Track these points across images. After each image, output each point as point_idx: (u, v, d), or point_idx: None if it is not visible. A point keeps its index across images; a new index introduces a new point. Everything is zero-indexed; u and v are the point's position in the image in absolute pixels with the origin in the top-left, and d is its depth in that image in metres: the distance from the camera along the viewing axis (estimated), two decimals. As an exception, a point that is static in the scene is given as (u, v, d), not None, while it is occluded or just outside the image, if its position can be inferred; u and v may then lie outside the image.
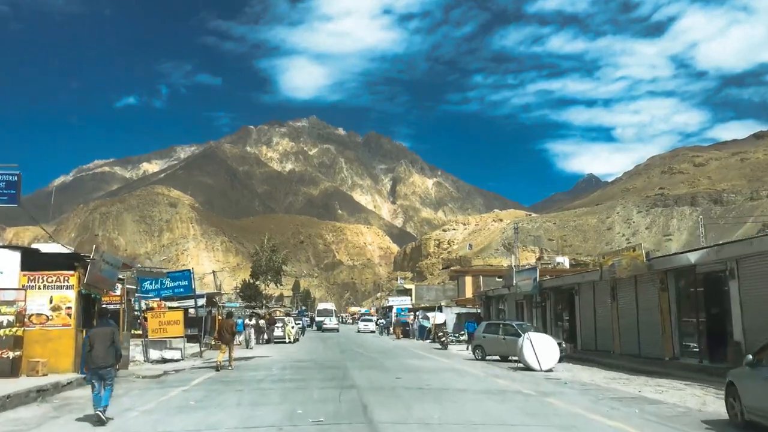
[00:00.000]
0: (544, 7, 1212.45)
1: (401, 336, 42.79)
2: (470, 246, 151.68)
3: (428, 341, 37.48)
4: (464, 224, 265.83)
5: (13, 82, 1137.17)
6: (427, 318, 39.26)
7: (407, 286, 76.49)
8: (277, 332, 35.24)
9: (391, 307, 59.26)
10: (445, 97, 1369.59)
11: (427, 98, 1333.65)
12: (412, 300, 61.05)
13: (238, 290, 79.09)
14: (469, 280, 49.21)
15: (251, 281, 71.99)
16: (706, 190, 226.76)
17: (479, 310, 39.69)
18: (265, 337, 35.09)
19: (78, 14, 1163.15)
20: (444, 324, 38.26)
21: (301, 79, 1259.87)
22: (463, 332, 35.56)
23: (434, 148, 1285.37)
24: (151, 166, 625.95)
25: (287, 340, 34.48)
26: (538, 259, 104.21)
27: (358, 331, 54.89)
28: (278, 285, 70.84)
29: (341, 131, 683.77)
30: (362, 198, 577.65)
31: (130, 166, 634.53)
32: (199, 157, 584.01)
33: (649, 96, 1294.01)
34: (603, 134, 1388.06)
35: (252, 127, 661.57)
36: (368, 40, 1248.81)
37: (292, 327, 35.14)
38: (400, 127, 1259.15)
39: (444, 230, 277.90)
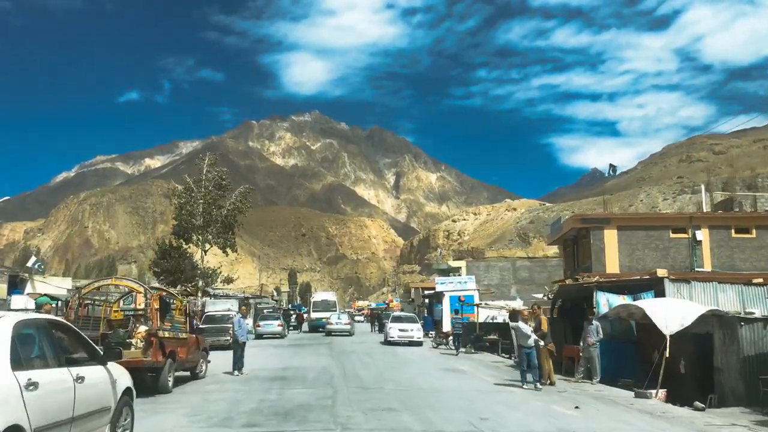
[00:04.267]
0: (548, 0, 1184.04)
1: (552, 376, 14.27)
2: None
3: None
4: (475, 214, 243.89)
5: (15, 78, 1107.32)
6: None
7: (454, 264, 46.02)
8: None
9: (438, 296, 32.93)
10: (449, 91, 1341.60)
11: (430, 93, 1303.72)
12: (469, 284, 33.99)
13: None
14: (611, 237, 22.72)
15: (173, 242, 38.94)
16: (731, 176, 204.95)
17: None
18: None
19: (80, 10, 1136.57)
20: None
21: (304, 74, 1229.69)
22: None
23: (438, 142, 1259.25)
24: (153, 162, 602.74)
25: None
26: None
27: (387, 341, 27.90)
28: (227, 252, 40.00)
29: (344, 126, 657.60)
30: (365, 193, 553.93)
31: (131, 162, 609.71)
32: (201, 152, 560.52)
33: (654, 90, 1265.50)
34: (607, 128, 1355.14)
35: (254, 121, 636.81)
36: (371, 34, 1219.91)
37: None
38: (404, 121, 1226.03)
39: (453, 221, 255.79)
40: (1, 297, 27.55)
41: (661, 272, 15.55)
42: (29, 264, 37.27)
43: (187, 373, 14.41)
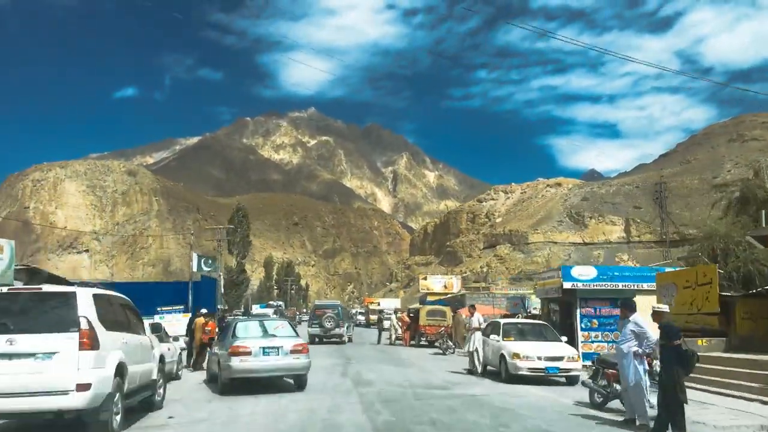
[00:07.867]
0: (549, 2, 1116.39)
1: None
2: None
3: None
4: (506, 192, 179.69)
5: (11, 76, 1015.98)
6: None
7: None
8: None
9: None
10: (448, 92, 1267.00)
11: (429, 93, 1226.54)
12: None
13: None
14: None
15: None
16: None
17: None
18: None
19: (78, 8, 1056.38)
20: None
21: (303, 73, 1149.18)
22: None
23: (437, 143, 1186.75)
24: (147, 159, 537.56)
25: None
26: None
27: None
28: None
29: (340, 123, 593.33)
30: (362, 191, 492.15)
31: (123, 159, 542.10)
32: (195, 148, 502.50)
33: (654, 92, 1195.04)
34: (608, 130, 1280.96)
35: (248, 118, 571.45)
36: (371, 34, 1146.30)
37: None
38: (403, 122, 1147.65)
39: (479, 201, 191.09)
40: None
41: None
42: None
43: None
